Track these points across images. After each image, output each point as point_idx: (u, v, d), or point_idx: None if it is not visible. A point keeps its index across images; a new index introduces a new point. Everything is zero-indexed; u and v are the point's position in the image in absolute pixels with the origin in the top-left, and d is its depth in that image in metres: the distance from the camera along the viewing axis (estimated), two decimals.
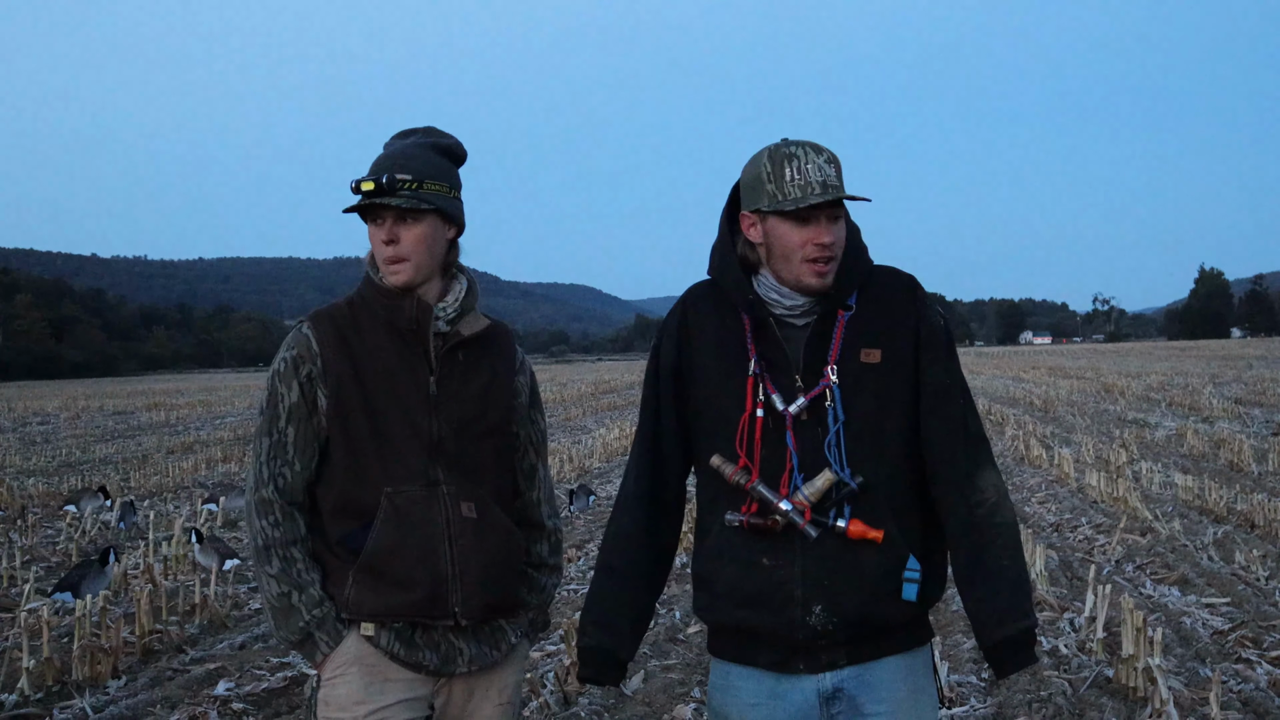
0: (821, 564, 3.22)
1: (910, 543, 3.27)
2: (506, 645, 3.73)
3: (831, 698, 3.28)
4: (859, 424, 3.26)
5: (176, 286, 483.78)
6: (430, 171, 3.55)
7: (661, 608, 9.96)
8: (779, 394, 3.27)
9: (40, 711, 7.60)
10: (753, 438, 3.29)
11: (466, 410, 3.63)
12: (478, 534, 3.59)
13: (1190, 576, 10.62)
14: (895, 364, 3.30)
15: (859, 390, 3.27)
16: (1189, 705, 7.06)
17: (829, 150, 3.27)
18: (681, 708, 7.39)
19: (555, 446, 24.24)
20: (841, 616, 3.21)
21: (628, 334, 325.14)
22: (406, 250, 3.53)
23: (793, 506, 3.20)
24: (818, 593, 3.21)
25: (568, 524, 14.98)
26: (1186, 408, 31.00)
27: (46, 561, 13.14)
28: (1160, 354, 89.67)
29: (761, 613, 3.28)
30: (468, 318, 3.66)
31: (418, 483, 3.55)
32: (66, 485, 20.36)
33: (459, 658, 3.61)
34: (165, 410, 47.11)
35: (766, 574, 3.26)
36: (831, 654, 3.27)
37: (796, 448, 3.25)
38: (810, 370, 3.28)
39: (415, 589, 3.52)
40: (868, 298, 3.35)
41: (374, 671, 3.54)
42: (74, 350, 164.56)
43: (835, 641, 3.25)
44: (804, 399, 3.25)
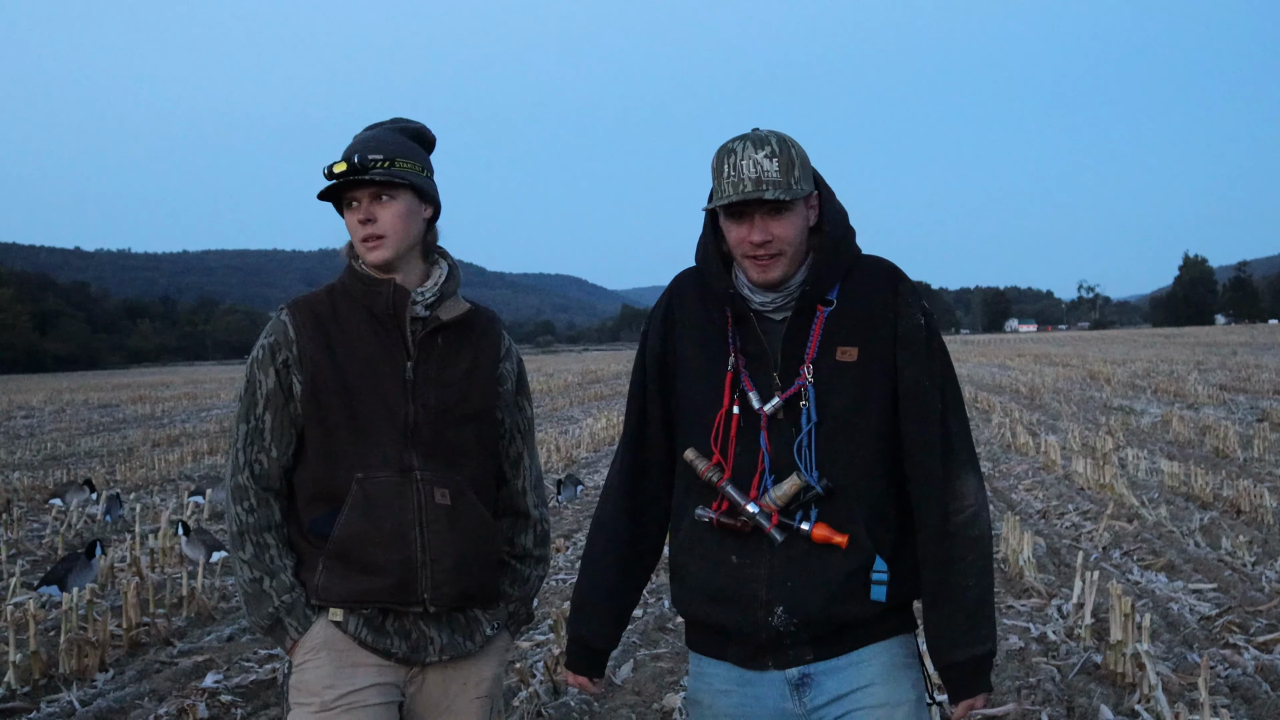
0: (787, 566, 3.17)
1: (880, 545, 3.19)
2: (481, 636, 3.69)
3: (800, 684, 3.24)
4: (832, 425, 3.19)
5: (161, 279, 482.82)
6: (401, 151, 3.56)
7: (650, 596, 9.96)
8: (756, 391, 3.23)
9: (27, 705, 7.58)
10: (727, 435, 3.24)
11: (445, 396, 3.60)
12: (451, 521, 3.56)
13: (1177, 562, 10.65)
14: (872, 362, 3.22)
15: (834, 390, 3.20)
16: (1177, 690, 7.08)
17: (778, 144, 3.16)
18: (671, 696, 7.38)
19: (542, 437, 24.22)
20: (803, 618, 3.17)
21: (614, 324, 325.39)
22: (384, 228, 3.52)
23: (759, 509, 3.16)
24: (781, 595, 3.17)
25: (556, 514, 14.98)
26: (1172, 394, 31.07)
27: (32, 555, 13.12)
28: (1145, 341, 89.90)
29: (729, 610, 3.25)
30: (448, 302, 3.64)
31: (390, 469, 3.53)
32: (51, 479, 20.31)
33: (429, 646, 3.59)
34: (150, 403, 47.05)
35: (734, 571, 3.23)
36: (798, 651, 3.23)
37: (769, 448, 3.20)
38: (787, 368, 3.22)
39: (384, 575, 3.51)
40: (849, 292, 3.27)
41: (343, 656, 3.54)
42: (58, 344, 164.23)
43: (799, 640, 3.21)
44: (779, 398, 3.20)
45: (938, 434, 3.22)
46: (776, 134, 3.19)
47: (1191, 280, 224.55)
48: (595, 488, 17.15)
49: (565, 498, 15.78)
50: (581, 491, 16.30)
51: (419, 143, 3.68)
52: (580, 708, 7.21)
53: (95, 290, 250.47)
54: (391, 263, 3.56)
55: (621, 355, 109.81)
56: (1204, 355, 55.67)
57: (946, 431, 3.23)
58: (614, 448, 17.02)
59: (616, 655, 8.14)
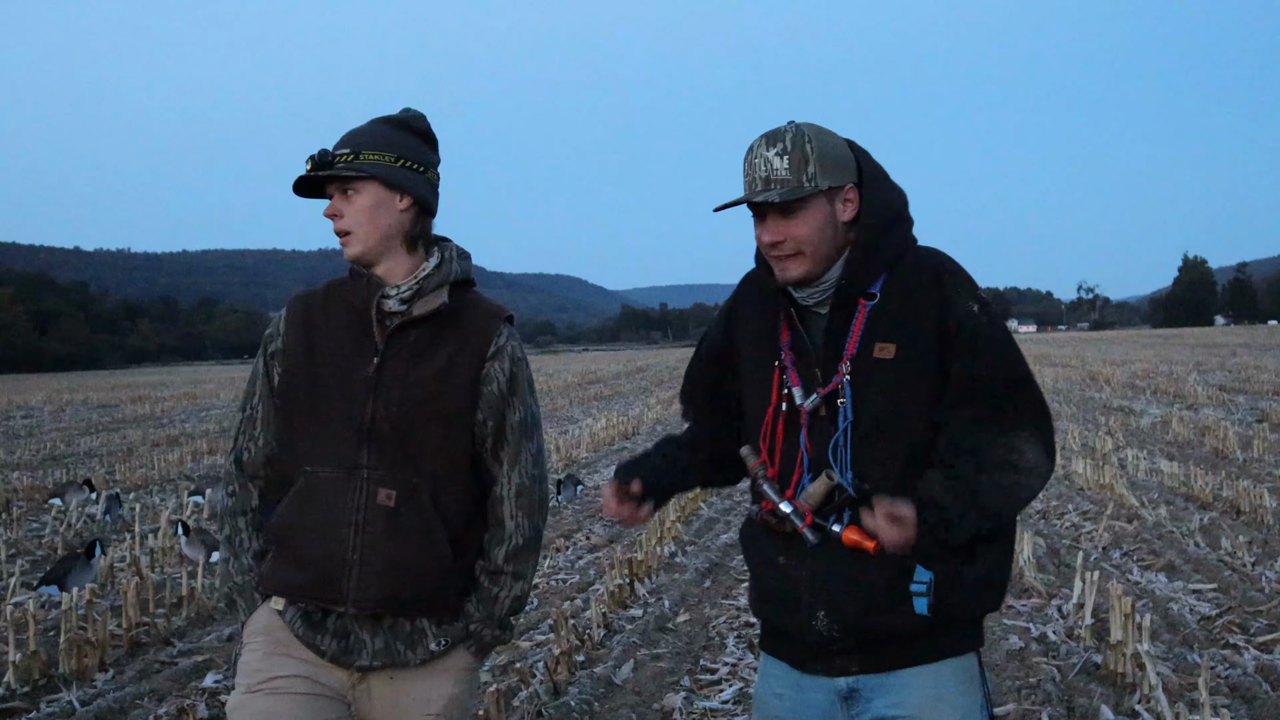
0: (828, 570, 3.11)
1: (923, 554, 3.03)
2: (424, 650, 3.53)
3: (849, 697, 3.18)
4: (868, 424, 3.10)
5: (160, 279, 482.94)
6: (371, 143, 3.49)
7: (650, 597, 9.97)
8: (801, 387, 3.17)
9: (27, 706, 7.57)
10: (774, 432, 3.21)
11: (412, 394, 3.50)
12: (390, 523, 3.46)
13: (1177, 563, 10.64)
14: (911, 360, 3.10)
15: (870, 388, 3.11)
16: (1177, 691, 7.07)
17: (792, 140, 3.12)
18: (671, 696, 7.37)
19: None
20: (843, 625, 3.10)
21: (614, 325, 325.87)
22: (349, 223, 3.49)
23: (794, 509, 3.11)
24: (821, 599, 3.12)
25: (555, 513, 14.96)
26: (1171, 395, 31.08)
27: (32, 555, 13.09)
28: (1145, 342, 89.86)
29: (778, 611, 3.25)
30: (427, 296, 3.54)
31: (338, 465, 3.48)
32: (51, 479, 20.27)
33: (362, 650, 3.50)
34: (150, 403, 47.01)
35: (781, 572, 3.20)
36: (844, 660, 3.17)
37: (809, 446, 3.14)
38: (828, 364, 3.15)
39: (308, 570, 3.48)
40: (893, 286, 3.17)
41: (278, 645, 3.53)
42: (57, 343, 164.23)
43: (845, 648, 3.15)
44: (818, 394, 3.13)
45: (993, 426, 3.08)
46: (796, 129, 3.14)
47: (1191, 281, 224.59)
48: (595, 488, 17.14)
49: (565, 498, 15.76)
50: (581, 491, 16.28)
51: (406, 132, 3.59)
52: (580, 707, 7.20)
53: (95, 290, 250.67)
54: (365, 257, 3.52)
55: (621, 355, 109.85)
56: (1204, 356, 55.67)
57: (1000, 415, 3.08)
58: (614, 448, 17.09)
59: (616, 655, 8.15)
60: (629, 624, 9.15)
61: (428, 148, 3.62)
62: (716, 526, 13.49)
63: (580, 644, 8.32)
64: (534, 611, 9.78)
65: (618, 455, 21.66)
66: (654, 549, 11.28)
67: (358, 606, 3.45)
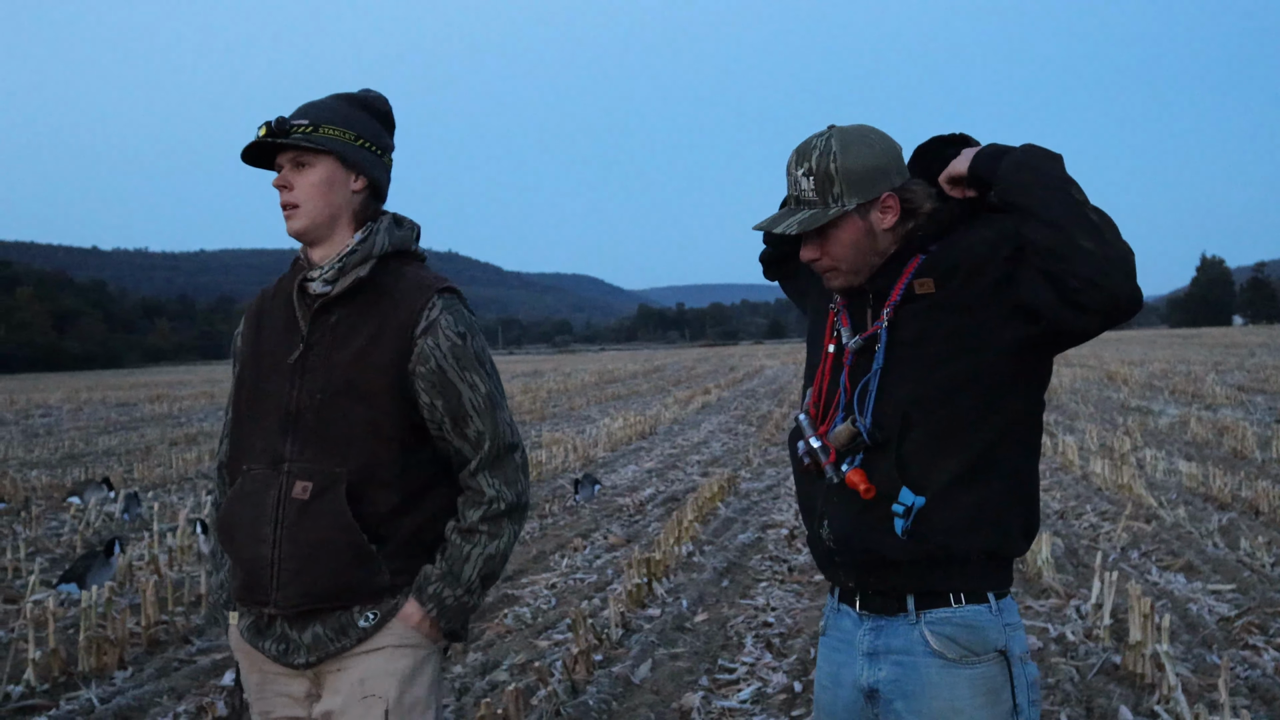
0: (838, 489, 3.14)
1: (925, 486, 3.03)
2: (356, 630, 3.35)
3: (870, 696, 3.18)
4: (897, 369, 3.09)
5: (178, 278, 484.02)
6: (330, 117, 3.38)
7: (668, 596, 9.97)
8: (850, 328, 3.21)
9: (47, 703, 7.59)
10: (823, 371, 3.26)
11: (334, 378, 3.36)
12: (303, 517, 3.31)
13: (1196, 563, 10.61)
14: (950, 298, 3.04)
15: (905, 325, 3.09)
16: (1197, 692, 7.06)
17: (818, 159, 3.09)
18: (689, 696, 7.37)
19: (559, 436, 24.23)
20: (837, 538, 3.16)
21: (631, 324, 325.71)
22: (299, 196, 3.37)
23: (821, 444, 3.16)
24: (825, 510, 3.19)
25: (573, 513, 15.00)
26: (1189, 395, 30.98)
27: (51, 553, 13.14)
28: (1162, 342, 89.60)
29: (806, 519, 3.34)
30: (349, 274, 3.39)
31: (264, 460, 3.40)
32: (70, 477, 20.34)
33: (299, 650, 3.38)
34: (168, 402, 47.08)
35: (808, 486, 3.28)
36: (843, 574, 3.24)
37: (848, 386, 3.16)
38: (876, 306, 3.16)
39: (241, 573, 3.42)
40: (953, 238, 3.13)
41: (251, 662, 3.51)
42: (76, 343, 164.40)
43: (843, 563, 3.20)
44: (860, 336, 3.16)
45: None
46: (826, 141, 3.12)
47: (1209, 281, 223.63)
48: (613, 487, 17.17)
49: (583, 497, 15.73)
50: (599, 491, 16.27)
51: (367, 113, 3.47)
52: (599, 706, 7.20)
53: (113, 289, 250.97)
54: (307, 234, 3.42)
55: (639, 355, 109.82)
56: (1222, 356, 55.49)
57: None
58: (631, 447, 17.13)
59: (635, 654, 8.15)
60: (647, 623, 9.15)
61: (386, 131, 3.52)
62: (734, 526, 13.47)
63: (598, 643, 8.33)
64: (552, 611, 9.80)
65: (635, 455, 21.69)
66: (671, 548, 11.27)
67: (278, 607, 3.34)
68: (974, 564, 3.10)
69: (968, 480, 3.05)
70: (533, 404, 37.51)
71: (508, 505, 3.43)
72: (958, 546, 3.06)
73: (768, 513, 14.42)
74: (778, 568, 11.19)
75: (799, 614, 9.32)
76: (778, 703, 7.30)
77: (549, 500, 16.07)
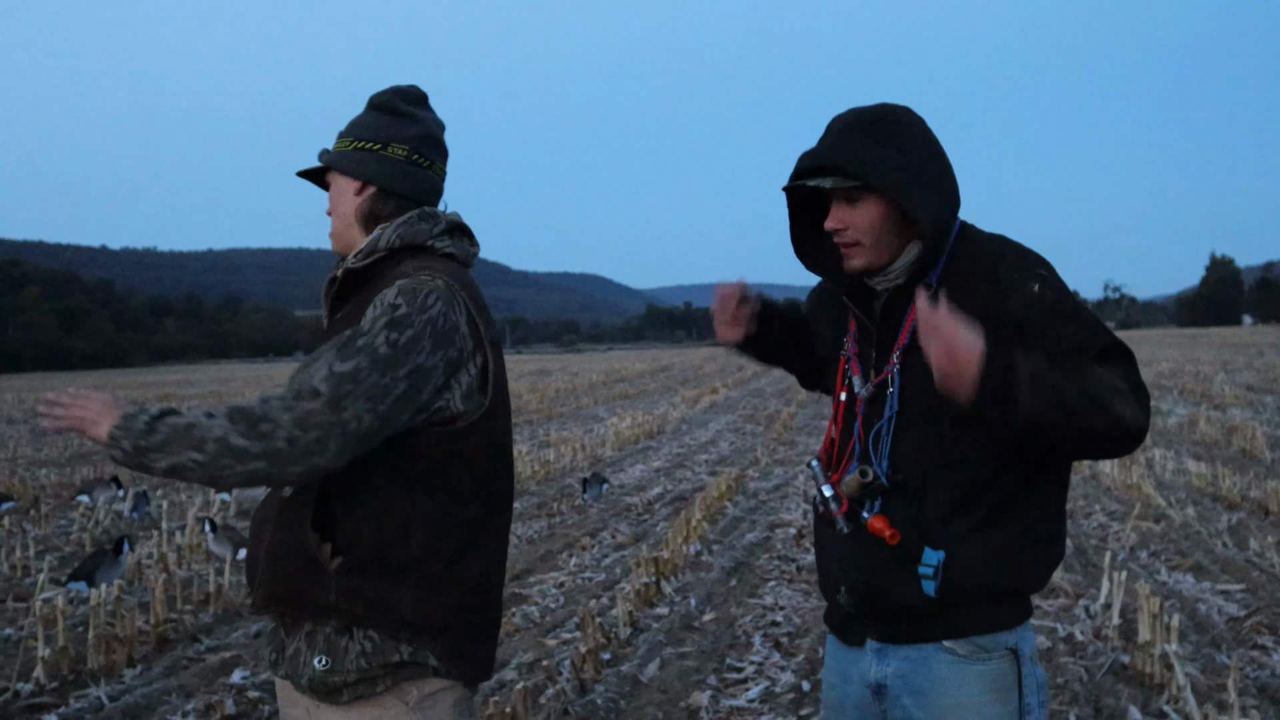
0: (853, 545, 3.07)
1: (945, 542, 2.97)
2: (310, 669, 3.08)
3: (878, 691, 3.14)
4: (910, 415, 3.03)
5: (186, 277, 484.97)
6: (343, 131, 3.39)
7: (676, 596, 9.98)
8: (860, 375, 3.16)
9: (56, 700, 7.61)
10: (838, 418, 3.21)
11: None
12: (280, 516, 3.16)
13: (1204, 563, 10.61)
14: None
15: (915, 378, 3.00)
16: (1206, 692, 7.05)
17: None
18: (697, 695, 7.38)
19: (567, 435, 24.23)
20: (858, 598, 3.09)
21: (638, 323, 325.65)
22: (331, 215, 3.41)
23: (834, 494, 3.10)
24: (842, 574, 3.13)
25: (581, 512, 15.02)
26: (1198, 395, 30.98)
27: (60, 551, 13.15)
28: (1171, 341, 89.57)
29: (821, 580, 3.30)
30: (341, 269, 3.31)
31: None
32: (79, 476, 20.36)
33: (280, 659, 3.19)
34: (176, 401, 47.08)
35: (824, 547, 3.24)
36: (860, 629, 3.16)
37: (861, 434, 3.11)
38: (882, 353, 3.11)
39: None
40: (950, 275, 3.04)
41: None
42: (84, 342, 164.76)
43: (862, 622, 3.14)
44: (870, 383, 3.11)
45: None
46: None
47: (1218, 280, 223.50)
48: (621, 486, 17.17)
49: (591, 496, 15.72)
50: (607, 490, 16.27)
51: (370, 110, 3.39)
52: (607, 705, 7.21)
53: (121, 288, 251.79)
54: (335, 247, 3.41)
55: (646, 354, 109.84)
56: (1231, 355, 55.47)
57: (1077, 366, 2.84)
58: (639, 447, 17.07)
59: (643, 653, 8.16)
60: (655, 623, 9.15)
61: (392, 120, 3.37)
62: (742, 526, 13.47)
63: (606, 642, 8.33)
64: (560, 610, 9.80)
65: (643, 454, 21.69)
66: (680, 548, 11.28)
67: (253, 608, 3.23)
68: (999, 602, 3.07)
69: (989, 527, 3.01)
70: (540, 403, 37.52)
71: (266, 412, 2.91)
72: (982, 592, 3.02)
73: (776, 512, 14.41)
74: (786, 567, 11.18)
75: (807, 613, 9.32)
76: (786, 702, 7.30)
77: (557, 499, 16.08)
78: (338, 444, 2.90)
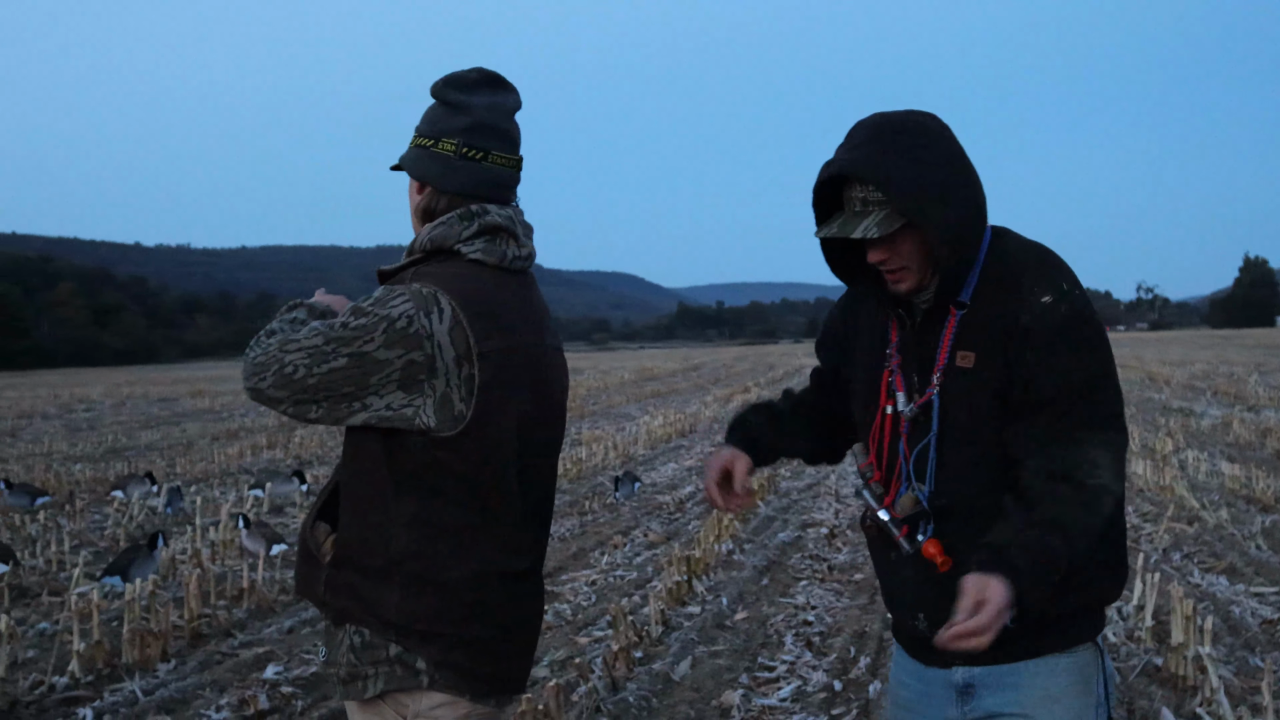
0: (926, 573, 2.99)
1: None
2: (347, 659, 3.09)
3: (964, 691, 3.08)
4: (953, 436, 2.97)
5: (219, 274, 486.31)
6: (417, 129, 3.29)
7: (708, 594, 9.98)
8: (904, 392, 3.06)
9: (91, 694, 7.66)
10: (881, 436, 3.11)
11: None
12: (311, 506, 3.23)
13: (1238, 565, 10.57)
14: (987, 369, 2.93)
15: (955, 399, 2.96)
16: (1239, 694, 7.03)
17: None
18: (729, 693, 7.39)
19: (599, 434, 24.28)
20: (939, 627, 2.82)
21: (670, 322, 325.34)
22: None
23: (890, 517, 3.03)
24: (920, 601, 3.05)
25: (613, 511, 15.04)
26: (1232, 396, 30.81)
27: (95, 546, 13.23)
28: (1204, 342, 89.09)
29: (892, 606, 3.22)
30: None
31: None
32: (113, 471, 20.47)
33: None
34: (209, 397, 47.27)
35: (890, 570, 3.14)
36: (947, 655, 2.97)
37: (907, 454, 3.03)
38: (924, 372, 3.02)
39: None
40: (981, 289, 2.98)
41: None
42: (117, 338, 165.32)
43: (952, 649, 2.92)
44: (914, 404, 3.03)
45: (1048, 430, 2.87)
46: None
47: (1252, 281, 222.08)
48: (653, 485, 17.17)
49: (622, 494, 15.72)
50: (639, 488, 16.28)
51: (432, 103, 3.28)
52: (639, 703, 7.22)
53: (154, 285, 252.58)
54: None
55: (677, 353, 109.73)
56: (1264, 357, 55.16)
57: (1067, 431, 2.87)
58: (671, 445, 17.02)
59: (674, 651, 8.16)
60: (687, 621, 9.16)
61: (443, 112, 3.25)
62: (774, 525, 13.47)
63: (638, 640, 8.34)
64: (592, 607, 9.82)
65: (675, 453, 21.71)
66: (711, 546, 11.28)
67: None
68: (1077, 617, 3.04)
69: None
70: (572, 401, 37.48)
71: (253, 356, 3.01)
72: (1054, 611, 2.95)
73: (808, 511, 14.41)
74: (817, 566, 11.18)
75: (839, 613, 9.32)
76: (818, 701, 7.30)
77: (589, 498, 16.10)
78: (274, 378, 2.95)
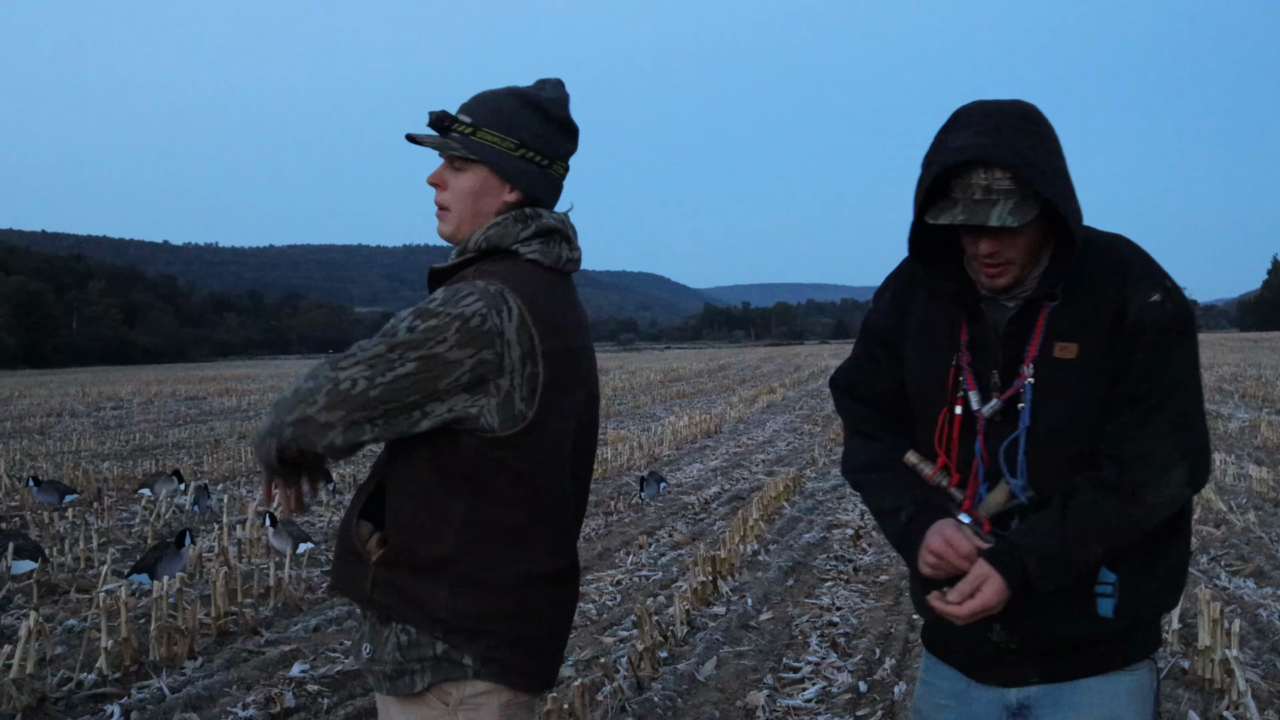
0: None
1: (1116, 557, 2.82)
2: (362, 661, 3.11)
3: (1017, 713, 2.99)
4: (1047, 429, 2.83)
5: (247, 273, 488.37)
6: (492, 120, 3.08)
7: (734, 595, 9.97)
8: (977, 391, 2.92)
9: (118, 691, 7.68)
10: (951, 436, 2.95)
11: None
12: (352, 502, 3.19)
13: (1266, 569, 10.52)
14: (1093, 359, 2.81)
15: (1051, 391, 2.83)
16: (1266, 698, 7.01)
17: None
18: (754, 694, 7.38)
19: (625, 434, 24.27)
20: (1022, 636, 2.89)
21: (696, 323, 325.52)
22: (449, 199, 3.12)
23: (972, 520, 2.88)
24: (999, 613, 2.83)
25: (638, 511, 15.04)
26: (1260, 399, 30.68)
27: (122, 544, 13.27)
28: (1233, 345, 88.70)
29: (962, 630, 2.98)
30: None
31: None
32: (140, 469, 20.54)
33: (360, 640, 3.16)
34: (237, 396, 47.44)
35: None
36: (1023, 670, 2.95)
37: (984, 454, 2.89)
38: (1008, 366, 2.89)
39: None
40: (1076, 280, 2.85)
41: None
42: (146, 336, 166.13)
43: (1023, 658, 2.94)
44: (998, 400, 2.88)
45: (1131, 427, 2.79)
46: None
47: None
48: (678, 485, 17.19)
49: (648, 495, 15.74)
50: (664, 489, 16.29)
51: (540, 116, 3.10)
52: (663, 703, 7.22)
53: (183, 284, 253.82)
54: (455, 238, 3.15)
55: (704, 354, 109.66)
56: None
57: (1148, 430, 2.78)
58: (696, 445, 17.04)
59: (699, 652, 8.16)
60: (712, 621, 9.16)
61: (562, 137, 3.16)
62: (799, 525, 13.46)
63: (663, 640, 8.34)
64: (618, 607, 9.83)
65: (700, 453, 21.70)
66: (737, 547, 11.28)
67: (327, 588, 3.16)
68: (1134, 633, 2.96)
69: (1162, 541, 2.90)
70: None
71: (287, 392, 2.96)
72: (1153, 613, 2.94)
73: (833, 512, 14.39)
74: (843, 567, 11.17)
75: (864, 614, 9.31)
76: (842, 703, 7.29)
77: (614, 498, 16.11)
78: (327, 399, 2.86)
